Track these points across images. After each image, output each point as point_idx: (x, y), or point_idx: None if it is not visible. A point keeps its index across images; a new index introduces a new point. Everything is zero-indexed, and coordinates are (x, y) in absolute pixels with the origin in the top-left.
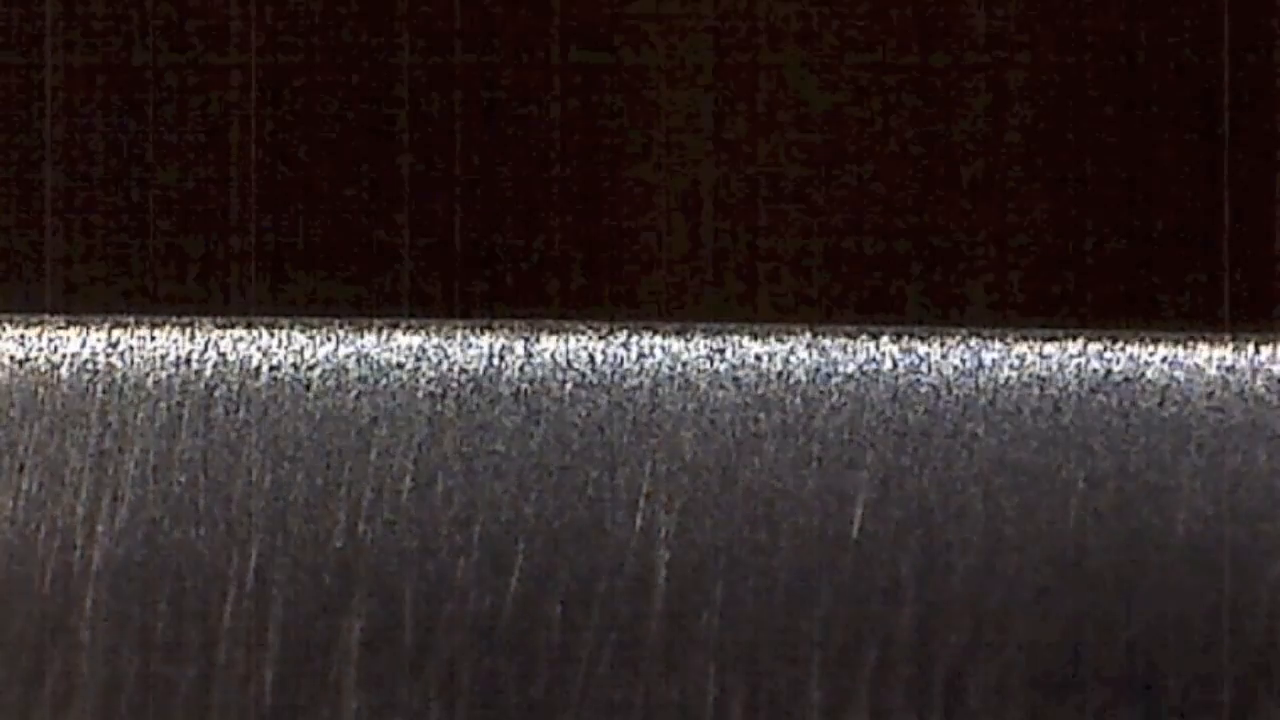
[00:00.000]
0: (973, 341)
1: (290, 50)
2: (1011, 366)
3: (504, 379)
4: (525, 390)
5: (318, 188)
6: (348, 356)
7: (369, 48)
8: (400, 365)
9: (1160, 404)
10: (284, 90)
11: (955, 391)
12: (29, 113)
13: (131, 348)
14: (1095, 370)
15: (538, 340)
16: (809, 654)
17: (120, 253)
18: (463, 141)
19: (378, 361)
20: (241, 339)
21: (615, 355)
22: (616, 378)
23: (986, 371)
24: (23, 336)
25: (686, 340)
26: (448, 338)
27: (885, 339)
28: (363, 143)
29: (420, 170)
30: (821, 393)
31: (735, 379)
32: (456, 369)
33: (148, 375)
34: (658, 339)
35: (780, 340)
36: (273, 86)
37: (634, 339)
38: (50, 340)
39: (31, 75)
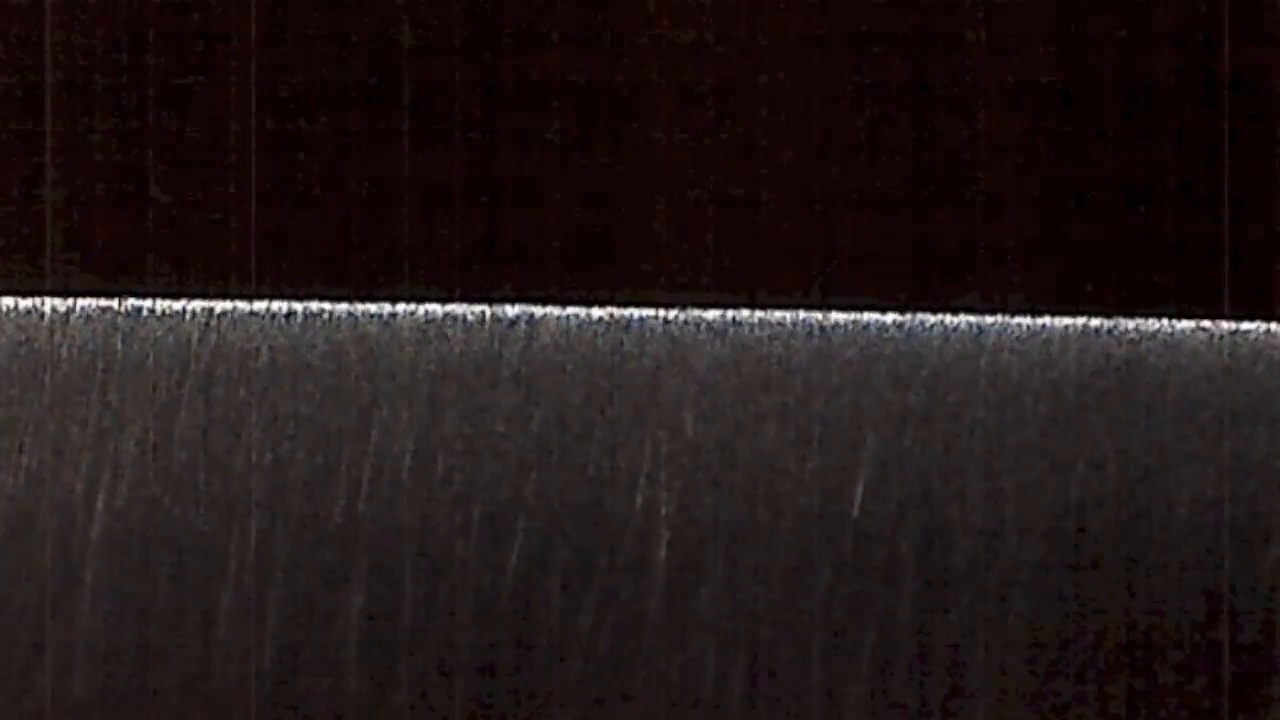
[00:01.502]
0: (973, 324)
1: (291, 27)
2: (1011, 349)
3: (504, 359)
4: (525, 371)
5: (318, 169)
6: (348, 336)
7: (370, 26)
8: (401, 345)
9: (1161, 387)
10: (285, 68)
11: (956, 373)
12: (30, 94)
13: (131, 327)
14: (1096, 353)
15: (538, 321)
16: (809, 633)
17: (120, 232)
18: (463, 123)
19: (378, 342)
20: (241, 319)
21: (615, 336)
22: (617, 358)
23: (987, 354)
24: (23, 316)
25: (687, 321)
26: (448, 318)
27: (886, 321)
28: (363, 124)
29: (420, 152)
30: (822, 374)
31: (735, 360)
32: (457, 349)
33: (148, 354)
34: (658, 320)
35: (780, 321)
36: (274, 64)
37: (634, 320)
38: (51, 319)
39: (32, 54)
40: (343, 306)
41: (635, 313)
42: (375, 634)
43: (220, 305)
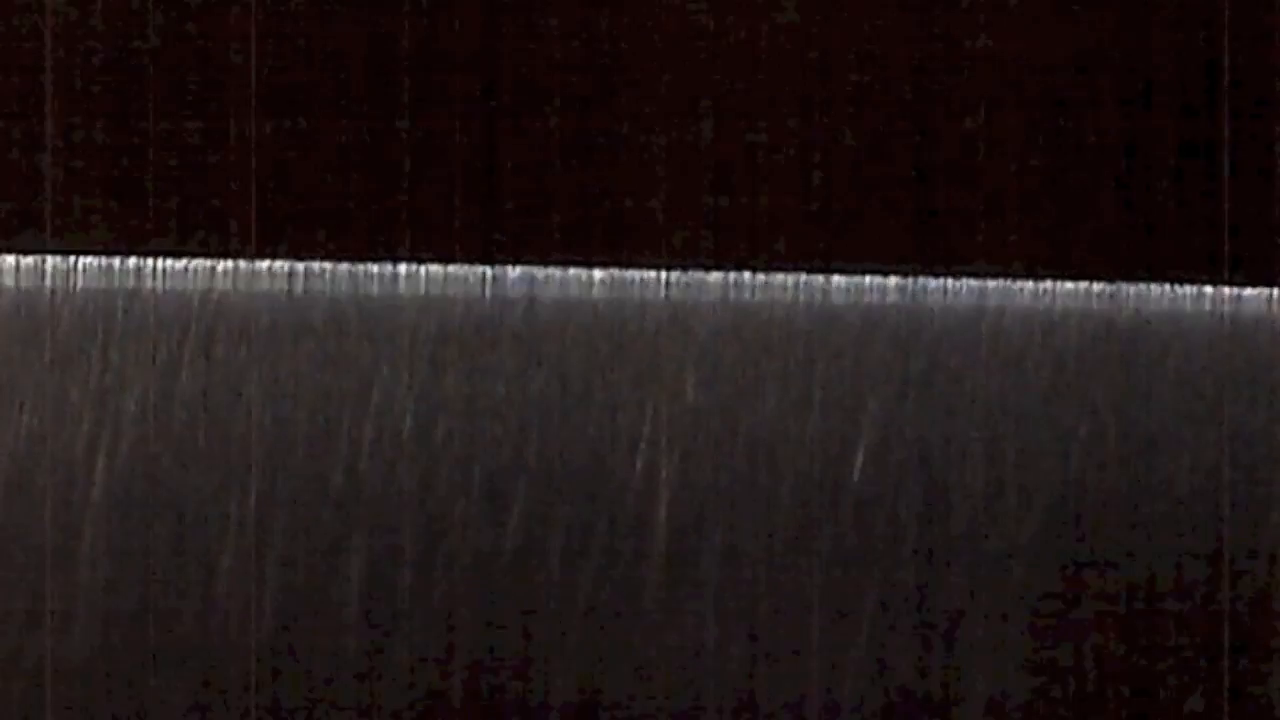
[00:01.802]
0: (975, 288)
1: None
2: (1014, 314)
3: (505, 321)
4: (526, 332)
5: (320, 130)
6: (350, 297)
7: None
8: (402, 307)
9: (1162, 352)
10: (286, 26)
11: (957, 338)
12: (30, 52)
13: (133, 286)
14: (1097, 319)
15: (540, 283)
16: (809, 596)
17: (122, 191)
18: (464, 84)
19: (379, 303)
20: (243, 279)
21: (617, 299)
22: (618, 321)
23: (989, 318)
24: (24, 274)
25: (688, 284)
26: (449, 280)
27: (888, 285)
28: (364, 85)
29: (422, 114)
30: (824, 338)
31: (737, 324)
32: (458, 311)
33: (149, 314)
34: (659, 282)
35: (782, 286)
36: (275, 20)
37: (636, 283)
38: (52, 278)
39: (32, 15)
40: (344, 266)
41: (636, 274)
42: (375, 594)
43: (221, 264)
